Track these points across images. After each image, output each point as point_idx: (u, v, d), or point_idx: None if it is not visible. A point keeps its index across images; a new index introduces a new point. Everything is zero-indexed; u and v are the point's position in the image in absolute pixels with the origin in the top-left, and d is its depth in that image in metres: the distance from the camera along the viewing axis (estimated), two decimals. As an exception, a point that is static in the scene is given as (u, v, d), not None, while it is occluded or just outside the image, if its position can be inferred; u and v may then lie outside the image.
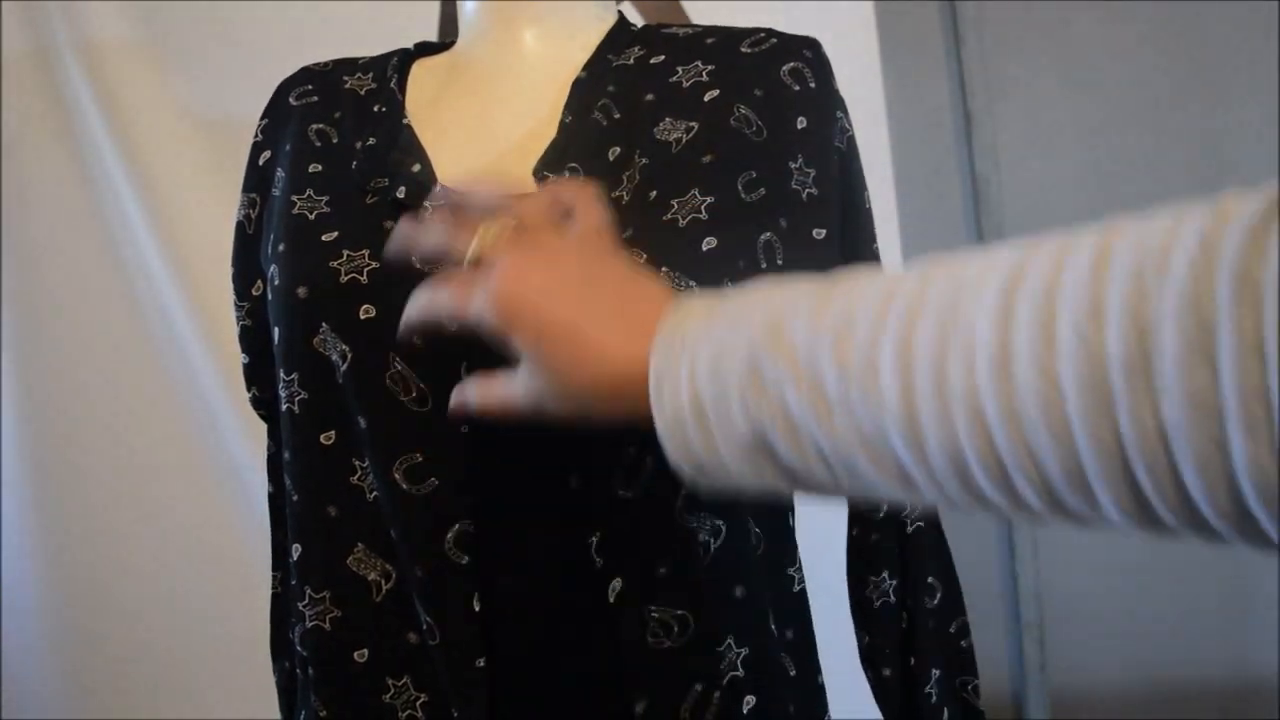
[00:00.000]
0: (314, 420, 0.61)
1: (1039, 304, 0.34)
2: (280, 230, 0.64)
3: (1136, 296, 0.32)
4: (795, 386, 0.41)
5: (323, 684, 0.62)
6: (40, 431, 1.32)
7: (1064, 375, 0.33)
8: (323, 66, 0.74)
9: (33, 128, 1.32)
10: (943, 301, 0.37)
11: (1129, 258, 0.33)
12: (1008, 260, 0.37)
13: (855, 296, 0.41)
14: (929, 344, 0.37)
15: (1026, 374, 0.34)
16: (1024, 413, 0.34)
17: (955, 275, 0.38)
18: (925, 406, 0.37)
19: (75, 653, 1.34)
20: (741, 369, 0.42)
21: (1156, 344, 0.31)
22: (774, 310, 0.43)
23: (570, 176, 0.57)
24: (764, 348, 0.42)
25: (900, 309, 0.38)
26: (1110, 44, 1.41)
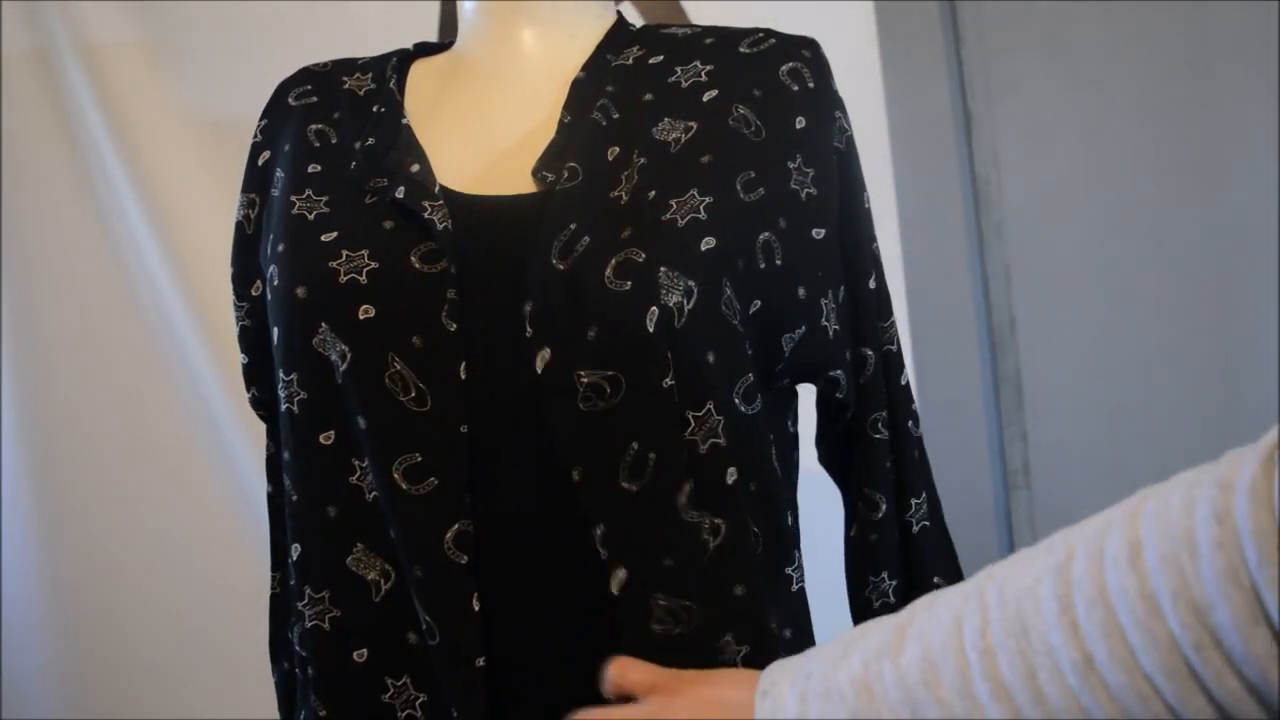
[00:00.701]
0: (313, 420, 0.61)
1: (1099, 610, 0.38)
2: (279, 230, 0.64)
3: (1179, 583, 0.37)
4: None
5: (322, 684, 0.62)
6: (40, 431, 1.33)
7: (1148, 668, 0.37)
8: (322, 67, 0.74)
9: (33, 128, 1.32)
10: (1009, 625, 0.41)
11: (1160, 547, 0.38)
12: (1051, 567, 0.41)
13: (926, 637, 0.44)
14: (1015, 670, 0.40)
15: (1115, 677, 0.38)
16: (1127, 709, 0.38)
17: (1009, 593, 0.42)
18: (1028, 715, 0.40)
19: (75, 653, 1.34)
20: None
21: (1215, 620, 0.36)
22: (857, 673, 0.45)
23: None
24: (863, 711, 0.44)
25: (972, 640, 0.42)
26: (1110, 44, 1.40)
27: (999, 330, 1.40)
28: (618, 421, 0.57)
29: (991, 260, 1.41)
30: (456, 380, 0.58)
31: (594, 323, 0.57)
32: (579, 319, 0.57)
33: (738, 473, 0.60)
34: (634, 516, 0.57)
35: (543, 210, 0.60)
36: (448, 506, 0.58)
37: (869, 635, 0.47)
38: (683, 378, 0.58)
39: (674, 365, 0.57)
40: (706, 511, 0.59)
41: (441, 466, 0.58)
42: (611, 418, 0.57)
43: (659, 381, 0.57)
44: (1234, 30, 1.39)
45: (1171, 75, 1.41)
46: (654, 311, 0.56)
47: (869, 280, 0.69)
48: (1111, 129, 1.43)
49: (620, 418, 0.57)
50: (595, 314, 0.57)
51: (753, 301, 0.61)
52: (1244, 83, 1.38)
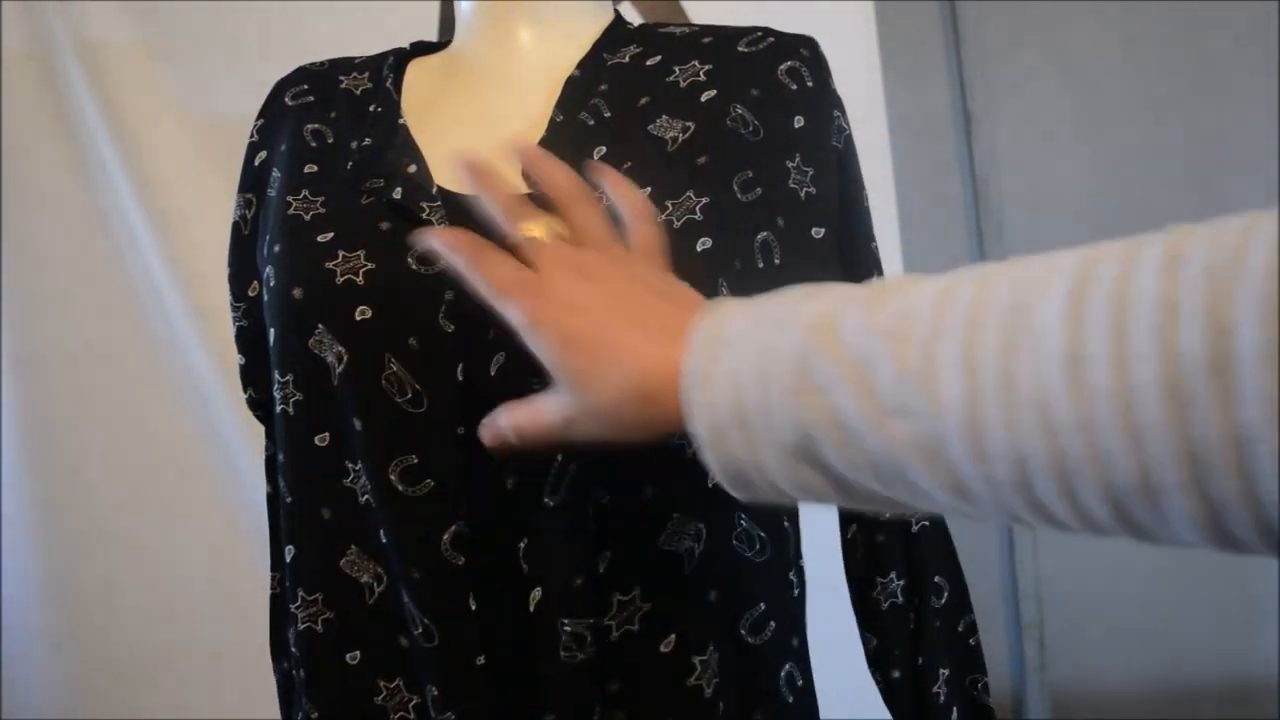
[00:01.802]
0: (308, 422, 0.61)
1: (1111, 306, 0.33)
2: (276, 231, 0.64)
3: (1213, 296, 0.31)
4: (847, 388, 0.39)
5: (314, 685, 0.62)
6: (40, 431, 1.32)
7: (1140, 378, 0.32)
8: (318, 66, 0.74)
9: (33, 128, 1.32)
10: (1007, 303, 0.36)
11: (1203, 257, 0.32)
12: (1073, 261, 0.35)
13: (911, 296, 0.39)
14: (994, 346, 0.35)
15: (1100, 377, 0.33)
16: (1097, 417, 0.33)
17: (1017, 276, 0.37)
18: (990, 412, 0.35)
19: (75, 653, 1.34)
20: (788, 370, 0.40)
21: (1236, 345, 0.30)
22: (823, 310, 0.41)
23: (631, 183, 0.56)
24: (814, 348, 0.40)
25: (961, 309, 0.37)
26: (1110, 44, 1.40)
27: (999, 330, 1.40)
28: None
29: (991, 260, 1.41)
30: (454, 381, 0.58)
31: None
32: None
33: None
34: (550, 533, 0.57)
35: None
36: (444, 508, 0.58)
37: (846, 288, 0.43)
38: None
39: None
40: (693, 516, 0.59)
41: (438, 468, 0.58)
42: None
43: None
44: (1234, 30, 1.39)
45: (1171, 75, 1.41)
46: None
47: (869, 280, 0.68)
48: (1111, 129, 1.43)
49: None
50: None
51: (751, 302, 0.61)
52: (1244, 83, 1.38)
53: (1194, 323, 0.31)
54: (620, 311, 0.47)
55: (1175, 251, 0.33)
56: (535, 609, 0.57)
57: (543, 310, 0.47)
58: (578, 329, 0.46)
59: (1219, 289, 0.31)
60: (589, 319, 0.47)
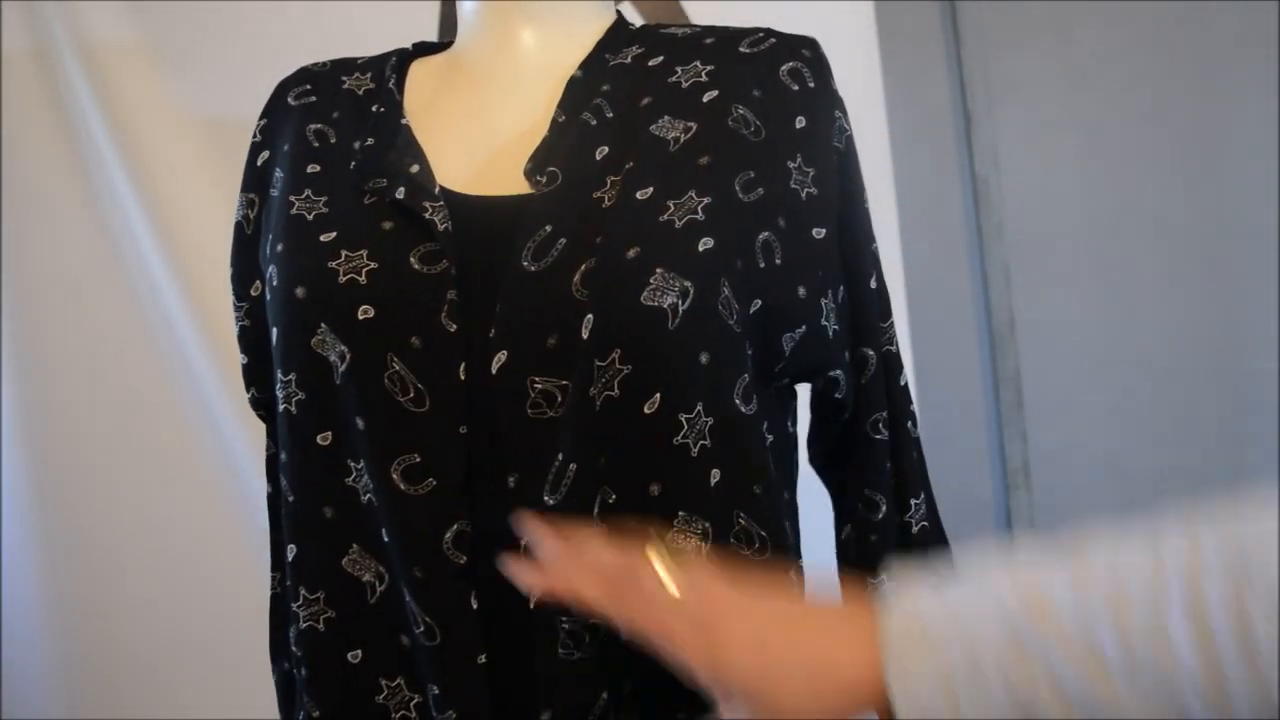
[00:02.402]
0: (311, 421, 0.61)
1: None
2: (279, 230, 0.64)
3: None
4: (1066, 655, 0.38)
5: (316, 684, 0.62)
6: (40, 431, 1.33)
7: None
8: (321, 67, 0.74)
9: (33, 128, 1.32)
10: (1229, 556, 0.36)
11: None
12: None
13: (1119, 558, 0.39)
14: (1224, 601, 0.35)
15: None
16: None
17: (1231, 528, 0.37)
18: (1231, 667, 0.35)
19: (75, 653, 1.34)
20: (999, 645, 0.39)
21: None
22: (1024, 582, 0.40)
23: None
24: (1024, 619, 0.39)
25: (1179, 568, 0.37)
26: (1110, 44, 1.40)
27: (999, 330, 1.40)
28: (555, 432, 0.57)
29: (991, 260, 1.41)
30: (456, 380, 0.58)
31: (555, 329, 0.57)
32: (540, 325, 0.57)
33: (724, 474, 0.59)
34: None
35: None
36: (447, 507, 0.58)
37: (1031, 557, 0.42)
38: (675, 379, 0.57)
39: (666, 367, 0.57)
40: (698, 515, 0.59)
41: (440, 467, 0.58)
42: (552, 427, 0.57)
43: (594, 393, 0.57)
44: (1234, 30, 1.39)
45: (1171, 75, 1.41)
46: (589, 319, 0.56)
47: (869, 280, 0.69)
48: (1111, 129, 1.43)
49: (558, 428, 0.57)
50: (558, 321, 0.57)
51: (753, 301, 0.61)
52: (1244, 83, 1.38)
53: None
54: (800, 628, 0.46)
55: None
56: (535, 607, 0.57)
57: (725, 642, 0.46)
58: (773, 654, 0.45)
59: None
60: (779, 642, 0.45)
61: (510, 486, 0.58)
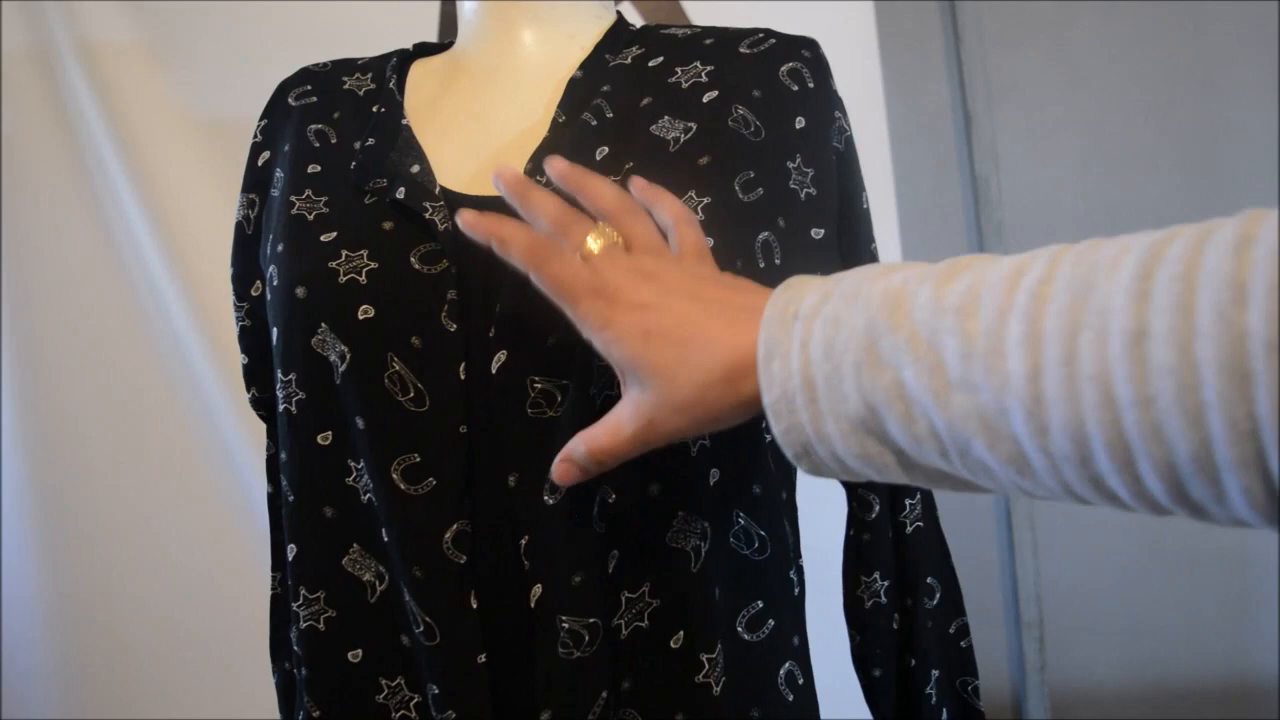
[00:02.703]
0: (311, 421, 0.62)
1: (1179, 285, 0.33)
2: (279, 231, 0.64)
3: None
4: (914, 363, 0.39)
5: (316, 684, 0.62)
6: (40, 431, 1.33)
7: (1202, 356, 0.32)
8: (322, 67, 0.74)
9: (33, 128, 1.32)
10: (1074, 281, 0.36)
11: (1271, 238, 0.32)
12: (1143, 243, 0.36)
13: (980, 274, 0.40)
14: (1060, 323, 0.36)
15: (1163, 354, 0.33)
16: (1158, 394, 0.33)
17: (1086, 257, 0.37)
18: (1052, 386, 0.36)
19: (75, 653, 1.34)
20: (857, 344, 0.41)
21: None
22: (893, 287, 0.42)
23: (668, 191, 0.57)
24: (882, 323, 0.41)
25: (1029, 287, 0.37)
26: (1110, 43, 1.41)
27: (999, 330, 1.40)
28: (556, 431, 0.57)
29: (991, 260, 1.41)
30: (456, 380, 0.58)
31: (555, 329, 0.57)
32: (541, 325, 0.57)
33: (723, 473, 0.60)
34: (551, 530, 0.57)
35: None
36: (447, 507, 0.58)
37: (921, 265, 0.43)
38: None
39: None
40: (697, 514, 0.59)
41: (440, 467, 0.58)
42: (552, 427, 0.57)
43: (594, 393, 0.57)
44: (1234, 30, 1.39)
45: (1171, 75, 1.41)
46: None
47: None
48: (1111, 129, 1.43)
49: (559, 427, 0.57)
50: (558, 320, 0.57)
51: (752, 302, 0.61)
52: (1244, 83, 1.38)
53: (1259, 302, 0.31)
54: (695, 304, 0.48)
55: (1247, 232, 0.33)
56: (535, 606, 0.57)
57: (617, 311, 0.48)
58: (658, 324, 0.47)
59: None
60: (667, 314, 0.48)
61: (510, 486, 0.58)
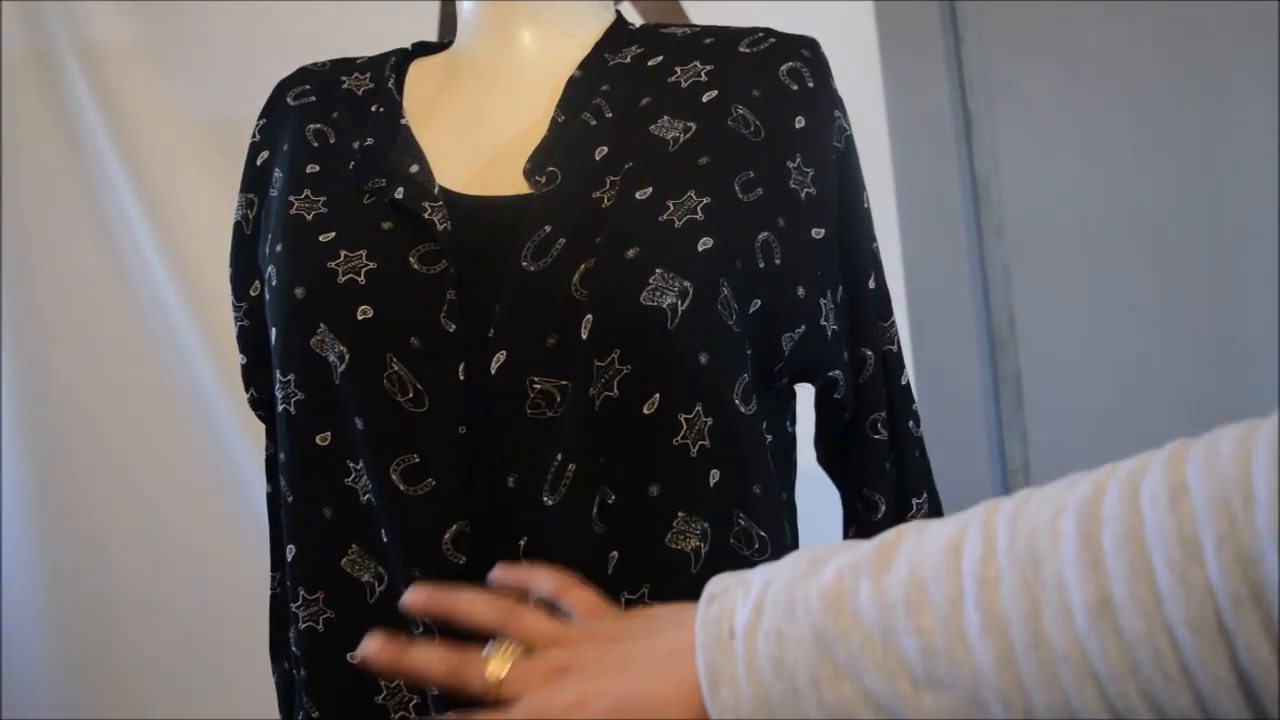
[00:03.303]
0: (310, 421, 0.61)
1: (1127, 549, 0.34)
2: (278, 231, 0.64)
3: (1228, 528, 0.32)
4: (874, 668, 0.38)
5: (315, 684, 0.62)
6: (40, 432, 1.33)
7: (1172, 619, 0.32)
8: (320, 67, 0.74)
9: (33, 128, 1.32)
10: (1018, 554, 0.36)
11: (1207, 489, 0.33)
12: (1075, 501, 0.36)
13: (915, 558, 0.39)
14: (1017, 604, 0.35)
15: (1132, 625, 0.33)
16: (1137, 664, 0.33)
17: (1020, 523, 0.37)
18: (1027, 673, 0.35)
19: (75, 653, 1.34)
20: (808, 658, 0.39)
21: (1262, 574, 0.31)
22: (827, 587, 0.40)
23: (534, 568, 0.53)
24: (830, 630, 0.39)
25: (971, 570, 0.37)
26: (1110, 43, 1.40)
27: (999, 330, 1.40)
28: (555, 432, 0.57)
29: (991, 260, 1.41)
30: (455, 381, 0.58)
31: (554, 329, 0.57)
32: (540, 325, 0.57)
33: (723, 474, 0.59)
34: (550, 531, 0.57)
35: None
36: (446, 507, 0.58)
37: (847, 550, 0.41)
38: (674, 379, 0.57)
39: (665, 367, 0.57)
40: (697, 515, 0.59)
41: (439, 467, 0.58)
42: (551, 427, 0.57)
43: (593, 393, 0.57)
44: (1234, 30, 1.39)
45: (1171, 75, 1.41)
46: (589, 319, 0.56)
47: (869, 280, 0.68)
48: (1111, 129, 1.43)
49: (558, 428, 0.57)
50: (557, 321, 0.57)
51: (752, 301, 0.61)
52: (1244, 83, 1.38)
53: (1215, 559, 0.32)
54: (623, 674, 0.44)
55: (1177, 480, 0.34)
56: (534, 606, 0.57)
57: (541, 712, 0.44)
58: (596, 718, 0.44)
59: (1233, 520, 0.32)
60: (601, 702, 0.44)
61: (510, 486, 0.58)
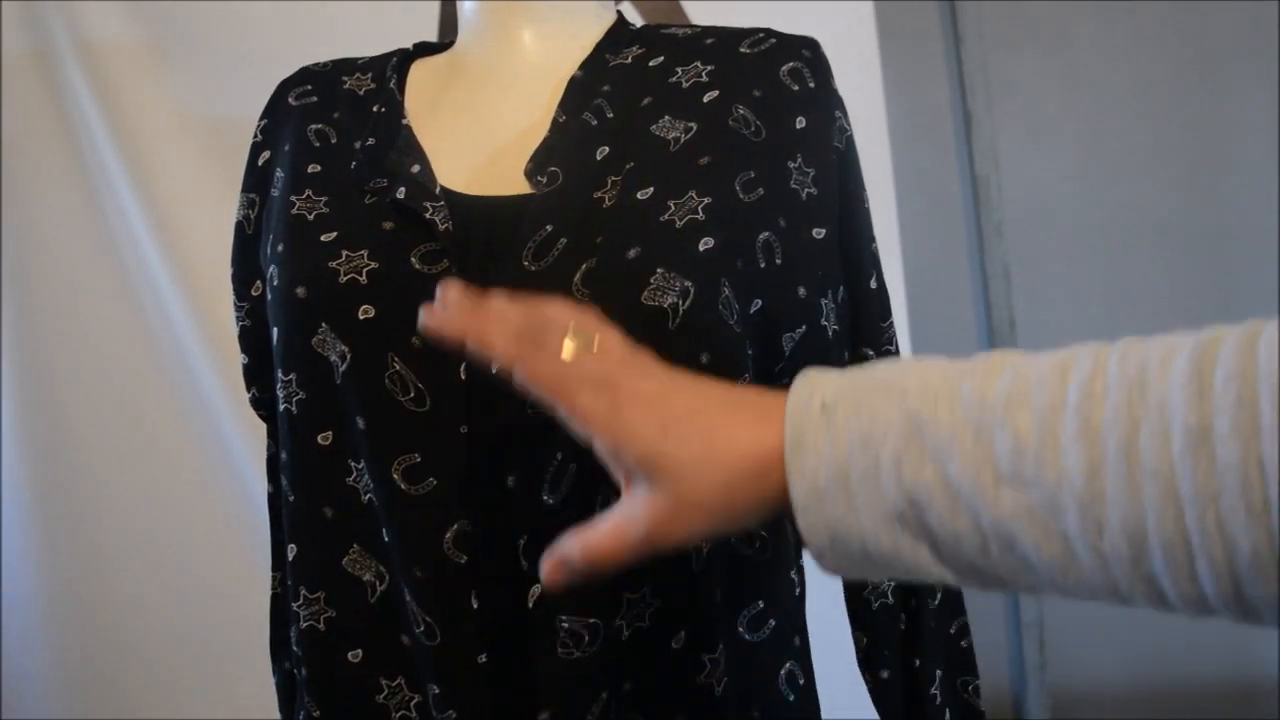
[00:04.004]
0: (311, 421, 0.62)
1: (1237, 383, 0.34)
2: (279, 230, 0.64)
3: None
4: (960, 456, 0.38)
5: (316, 684, 0.62)
6: (40, 431, 1.32)
7: (1267, 454, 0.33)
8: (322, 67, 0.74)
9: (33, 128, 1.32)
10: (1126, 377, 0.36)
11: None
12: (1189, 343, 0.36)
13: (1022, 370, 0.39)
14: (1117, 419, 0.35)
15: (1228, 453, 0.33)
16: (1223, 491, 0.33)
17: (1132, 354, 0.37)
18: (1112, 483, 0.35)
19: (75, 653, 1.34)
20: (896, 437, 0.39)
21: None
22: (932, 377, 0.40)
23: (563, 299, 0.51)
24: (925, 414, 0.39)
25: (1079, 383, 0.37)
26: (1110, 44, 1.41)
27: (999, 330, 1.40)
28: (555, 431, 0.57)
29: (991, 260, 1.41)
30: (457, 380, 0.58)
31: None
32: None
33: None
34: (551, 530, 0.57)
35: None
36: (447, 507, 0.58)
37: (951, 362, 0.41)
38: None
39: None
40: None
41: (441, 467, 0.58)
42: (552, 427, 0.57)
43: None
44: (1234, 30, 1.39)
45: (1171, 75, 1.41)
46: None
47: (869, 280, 0.69)
48: (1111, 129, 1.43)
49: (558, 428, 0.57)
50: None
51: (753, 301, 0.61)
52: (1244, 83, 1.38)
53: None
54: (704, 398, 0.44)
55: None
56: (535, 606, 0.57)
57: (623, 404, 0.44)
58: (673, 414, 0.43)
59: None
60: (680, 404, 0.44)
61: (510, 486, 0.58)
